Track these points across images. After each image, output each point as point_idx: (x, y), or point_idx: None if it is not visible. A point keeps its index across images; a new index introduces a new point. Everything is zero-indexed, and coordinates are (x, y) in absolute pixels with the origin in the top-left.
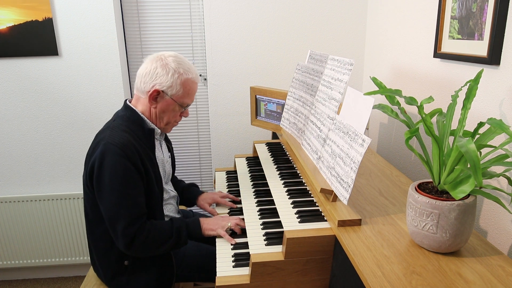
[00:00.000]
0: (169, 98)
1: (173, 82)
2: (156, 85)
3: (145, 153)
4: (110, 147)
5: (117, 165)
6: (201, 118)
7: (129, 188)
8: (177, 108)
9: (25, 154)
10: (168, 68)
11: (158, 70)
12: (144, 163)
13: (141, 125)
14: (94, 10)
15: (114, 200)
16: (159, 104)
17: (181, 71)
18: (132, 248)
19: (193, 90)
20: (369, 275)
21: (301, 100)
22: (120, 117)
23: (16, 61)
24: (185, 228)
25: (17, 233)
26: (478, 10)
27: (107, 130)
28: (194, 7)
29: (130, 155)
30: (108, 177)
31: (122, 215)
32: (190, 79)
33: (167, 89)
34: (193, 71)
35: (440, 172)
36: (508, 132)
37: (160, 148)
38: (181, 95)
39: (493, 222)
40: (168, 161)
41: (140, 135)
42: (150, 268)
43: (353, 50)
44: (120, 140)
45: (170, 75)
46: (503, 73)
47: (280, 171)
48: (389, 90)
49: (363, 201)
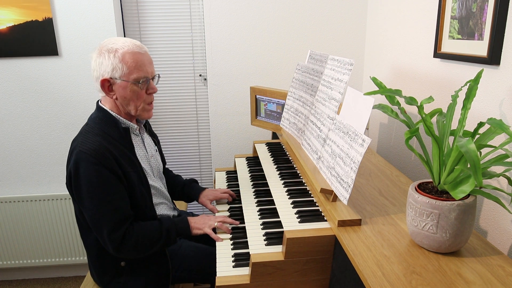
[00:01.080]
0: (120, 81)
1: (113, 63)
2: (101, 75)
3: (123, 155)
4: (82, 156)
5: (92, 173)
6: (201, 118)
7: (107, 194)
8: (136, 88)
9: (25, 154)
10: (102, 53)
11: (97, 61)
12: (121, 165)
13: (115, 125)
14: (94, 10)
15: (94, 208)
16: (117, 92)
17: (114, 48)
18: (122, 252)
19: (138, 61)
20: (369, 275)
21: (301, 100)
22: (92, 120)
23: (16, 61)
24: (174, 228)
25: (17, 233)
26: (478, 10)
27: (80, 137)
28: (194, 7)
29: (103, 161)
30: (85, 186)
31: (104, 221)
32: (127, 51)
33: (112, 72)
34: (128, 43)
35: (440, 172)
36: (508, 132)
37: (141, 144)
38: (128, 72)
39: (493, 222)
40: (154, 155)
41: (116, 135)
42: (147, 268)
43: (353, 50)
44: (92, 146)
45: (107, 58)
46: (503, 73)
47: (280, 171)
48: (389, 90)
49: (363, 201)
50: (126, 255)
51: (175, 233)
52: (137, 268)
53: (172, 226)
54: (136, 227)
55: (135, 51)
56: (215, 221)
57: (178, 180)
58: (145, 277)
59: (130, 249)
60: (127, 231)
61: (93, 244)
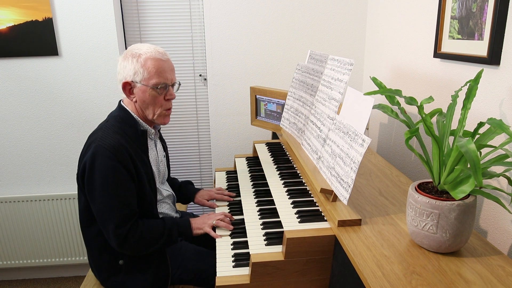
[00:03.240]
0: (140, 85)
1: (135, 67)
2: (124, 78)
3: (137, 155)
4: (100, 150)
5: (108, 167)
6: (201, 118)
7: (119, 190)
8: (155, 93)
9: (25, 154)
10: (127, 57)
11: (122, 65)
12: (135, 165)
13: (134, 126)
14: (94, 10)
15: (104, 202)
16: (137, 95)
17: (138, 53)
18: (125, 247)
19: (158, 67)
20: (369, 275)
21: (301, 100)
22: (113, 118)
23: (16, 61)
24: (176, 228)
25: (17, 233)
26: (478, 10)
27: (99, 131)
28: (194, 7)
29: (120, 158)
30: (98, 179)
31: (112, 216)
32: (149, 57)
33: (134, 76)
34: (152, 50)
35: (440, 172)
36: (508, 132)
37: (154, 148)
38: (148, 76)
39: (493, 222)
40: (163, 161)
41: (133, 136)
42: (145, 268)
43: (353, 50)
44: (111, 142)
45: (130, 62)
46: (503, 73)
47: (280, 171)
48: (389, 90)
49: (363, 201)
50: (128, 251)
51: (176, 233)
52: (135, 267)
53: (174, 226)
54: (140, 224)
55: (157, 57)
56: (214, 220)
57: (174, 182)
58: (143, 277)
59: (133, 245)
60: (132, 227)
61: (93, 240)
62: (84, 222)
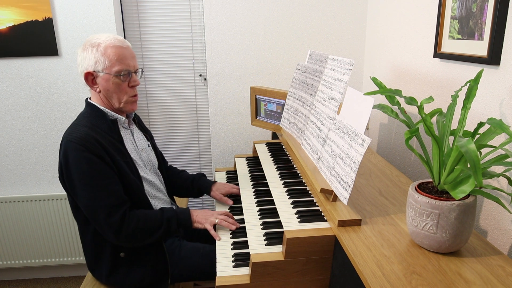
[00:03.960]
0: (102, 74)
1: (95, 57)
2: (85, 68)
3: (111, 144)
4: (69, 145)
5: (80, 159)
6: (201, 118)
7: (98, 179)
8: (118, 80)
9: (25, 154)
10: (86, 47)
11: (81, 56)
12: (109, 153)
13: (102, 117)
14: (94, 10)
15: (87, 195)
16: (100, 85)
17: (97, 42)
18: (121, 237)
19: (119, 54)
20: (369, 275)
21: (301, 100)
22: (81, 115)
23: (16, 61)
24: (176, 218)
25: (17, 233)
26: (478, 10)
27: (67, 129)
28: (194, 7)
29: (90, 147)
30: (75, 174)
31: (99, 207)
32: (109, 45)
33: (95, 66)
34: (111, 38)
35: (440, 172)
36: (508, 132)
37: (131, 137)
38: (110, 64)
39: (493, 222)
40: (145, 150)
41: (105, 128)
42: (146, 260)
43: (353, 50)
44: (78, 134)
45: (90, 52)
46: (503, 73)
47: (280, 171)
48: (389, 90)
49: (363, 201)
50: (125, 242)
51: (176, 224)
52: (136, 259)
53: (173, 216)
54: (136, 213)
55: (117, 45)
56: (216, 218)
57: (185, 175)
58: (143, 270)
59: (129, 235)
60: (125, 216)
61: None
62: (79, 222)
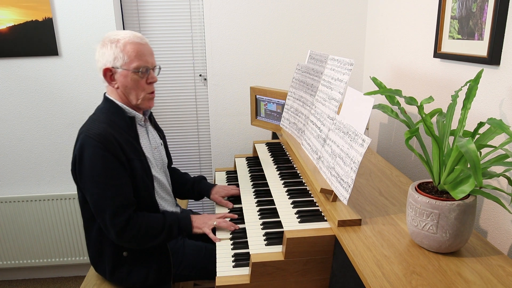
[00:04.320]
0: (121, 70)
1: (114, 53)
2: (103, 64)
3: (128, 143)
4: (87, 140)
5: (96, 156)
6: (201, 118)
7: (110, 179)
8: (136, 77)
9: (25, 154)
10: (105, 43)
11: (100, 52)
12: (125, 152)
13: (121, 114)
14: (94, 10)
15: (97, 192)
16: (118, 81)
17: (116, 38)
18: (123, 238)
19: (138, 51)
20: (369, 275)
21: (301, 100)
22: (99, 110)
23: (16, 61)
24: (177, 224)
25: (17, 233)
26: (478, 10)
27: (86, 124)
28: (194, 7)
29: (108, 146)
30: (88, 170)
31: (106, 206)
32: (128, 41)
33: (114, 62)
34: (130, 34)
35: (440, 172)
36: (508, 132)
37: (146, 135)
38: (129, 60)
39: (493, 222)
40: (158, 148)
41: (122, 125)
42: (149, 260)
43: (353, 50)
44: (98, 131)
45: (109, 48)
46: (503, 73)
47: (280, 171)
48: (389, 90)
49: (363, 201)
50: (126, 243)
51: (177, 230)
52: (138, 260)
53: (175, 222)
54: (140, 216)
55: (136, 41)
56: (214, 220)
57: (187, 177)
58: (146, 270)
59: (131, 237)
60: (130, 218)
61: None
62: (86, 217)
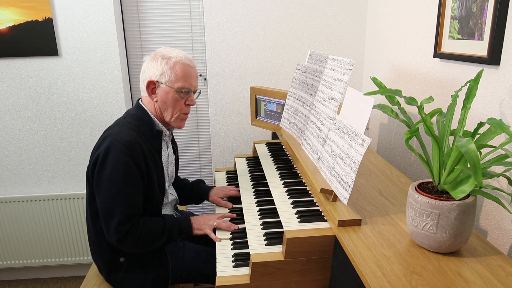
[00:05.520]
0: (164, 86)
1: (163, 69)
2: (149, 77)
3: (151, 154)
4: (115, 144)
5: (120, 162)
6: (201, 118)
7: (128, 187)
8: (177, 96)
9: (25, 154)
10: (156, 58)
11: (149, 64)
12: (147, 163)
13: (150, 125)
14: (94, 10)
15: (111, 196)
16: (159, 96)
17: (168, 56)
18: (124, 244)
19: (185, 72)
20: (369, 275)
21: (301, 100)
22: (130, 116)
23: (16, 61)
24: (177, 227)
25: (17, 233)
26: (478, 10)
27: (116, 127)
28: (194, 7)
29: (134, 154)
30: (109, 173)
31: (117, 212)
32: (179, 61)
33: (160, 77)
34: (182, 55)
35: (440, 172)
36: (508, 132)
37: (166, 149)
38: (174, 79)
39: (493, 222)
40: (172, 163)
41: (148, 135)
42: (146, 267)
43: (353, 50)
44: (127, 138)
45: (159, 63)
46: (503, 73)
47: (280, 171)
48: (389, 90)
49: (363, 201)
50: (127, 248)
51: (177, 232)
52: (136, 264)
53: (175, 225)
54: (141, 222)
55: (186, 63)
56: (214, 221)
57: (186, 182)
58: (144, 276)
59: (132, 243)
60: (133, 225)
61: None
62: (90, 216)
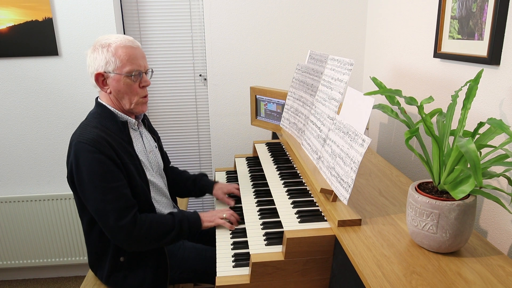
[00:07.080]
0: (113, 74)
1: (106, 57)
2: (95, 69)
3: (121, 147)
4: (80, 146)
5: (92, 161)
6: (201, 118)
7: (110, 181)
8: (129, 81)
9: (25, 154)
10: (96, 48)
11: (92, 56)
12: (119, 155)
13: (113, 119)
14: (94, 10)
15: (98, 197)
16: (111, 86)
17: (107, 43)
18: (133, 240)
19: (130, 54)
20: (369, 275)
21: (301, 100)
22: (91, 115)
23: (16, 61)
24: (186, 220)
25: (17, 233)
26: (478, 10)
27: (78, 130)
28: (194, 7)
29: (102, 149)
30: (86, 176)
31: (109, 210)
32: (119, 45)
33: (106, 66)
34: (121, 38)
35: (440, 172)
36: (508, 132)
37: (140, 139)
38: (121, 65)
39: (493, 222)
40: (153, 151)
41: (115, 129)
42: (146, 264)
43: (353, 50)
44: (90, 136)
45: (101, 53)
46: (503, 73)
47: (280, 171)
48: (389, 90)
49: (363, 201)
50: (136, 245)
51: (187, 225)
52: (135, 264)
53: (184, 218)
54: (149, 216)
55: (128, 45)
56: (224, 213)
57: (187, 175)
58: (143, 274)
59: (142, 237)
60: (137, 219)
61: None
62: (84, 222)
